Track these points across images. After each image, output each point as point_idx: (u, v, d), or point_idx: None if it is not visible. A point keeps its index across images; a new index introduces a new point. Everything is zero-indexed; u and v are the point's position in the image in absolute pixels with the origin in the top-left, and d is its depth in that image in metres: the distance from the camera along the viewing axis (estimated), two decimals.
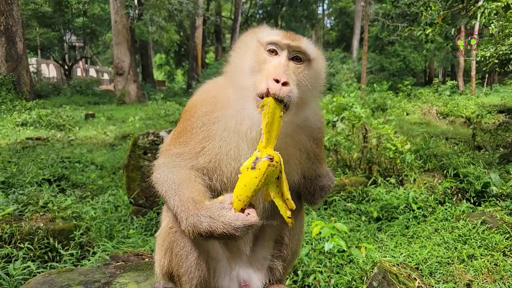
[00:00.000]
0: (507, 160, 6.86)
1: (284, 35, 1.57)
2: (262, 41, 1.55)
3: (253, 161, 1.38)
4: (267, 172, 1.36)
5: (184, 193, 1.51)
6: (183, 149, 1.65)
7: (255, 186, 1.37)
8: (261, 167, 1.36)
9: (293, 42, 1.54)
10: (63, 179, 6.57)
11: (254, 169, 1.36)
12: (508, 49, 16.07)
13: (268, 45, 1.54)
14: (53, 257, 3.93)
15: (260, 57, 1.53)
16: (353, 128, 7.25)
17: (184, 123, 1.71)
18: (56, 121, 12.82)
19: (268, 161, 1.35)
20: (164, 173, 1.63)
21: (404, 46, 31.63)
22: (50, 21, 28.19)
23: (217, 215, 1.41)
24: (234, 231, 1.38)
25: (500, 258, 3.81)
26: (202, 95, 1.75)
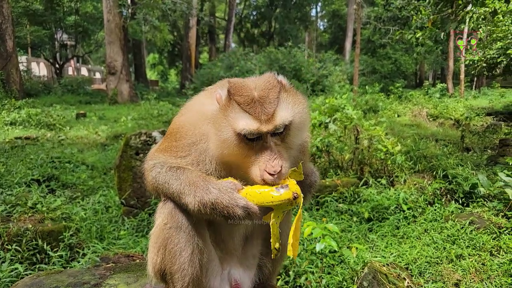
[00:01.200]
0: (495, 161, 6.98)
1: (258, 119, 1.46)
2: (239, 132, 1.47)
3: (282, 185, 1.46)
4: (282, 202, 1.44)
5: (191, 175, 1.57)
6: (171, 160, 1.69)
7: (265, 201, 1.46)
8: (283, 195, 1.43)
9: (269, 125, 1.46)
10: (53, 180, 6.49)
11: (277, 191, 1.45)
12: (496, 53, 16.37)
13: (244, 135, 1.48)
14: (42, 259, 3.89)
15: (243, 145, 1.50)
16: (345, 129, 7.30)
17: (171, 143, 1.73)
18: (46, 121, 12.67)
19: (291, 196, 1.43)
20: (163, 167, 1.65)
21: (396, 49, 31.95)
22: (41, 19, 27.84)
23: (225, 190, 1.49)
24: (237, 208, 1.46)
25: (487, 258, 3.87)
26: (187, 122, 1.71)
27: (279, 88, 1.53)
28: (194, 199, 1.50)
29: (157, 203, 1.78)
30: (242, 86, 1.54)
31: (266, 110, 1.47)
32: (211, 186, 1.51)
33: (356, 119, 6.98)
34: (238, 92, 1.51)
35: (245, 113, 1.47)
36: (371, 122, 6.99)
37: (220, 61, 28.29)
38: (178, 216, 1.60)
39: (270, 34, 48.13)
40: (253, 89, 1.52)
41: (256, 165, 1.49)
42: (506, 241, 4.05)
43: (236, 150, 1.51)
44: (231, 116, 1.49)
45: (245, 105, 1.48)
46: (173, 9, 24.99)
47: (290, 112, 1.51)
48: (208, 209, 1.48)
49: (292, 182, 1.47)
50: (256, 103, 1.47)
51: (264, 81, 1.57)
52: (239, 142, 1.50)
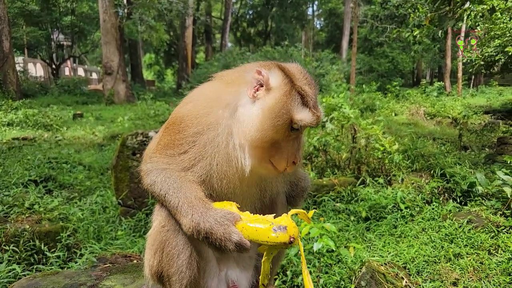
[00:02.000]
0: (493, 160, 6.99)
1: (314, 113, 1.54)
2: (295, 120, 1.50)
3: (279, 226, 1.43)
4: (277, 244, 1.42)
5: (190, 191, 1.53)
6: (171, 160, 1.63)
7: (260, 239, 1.44)
8: (279, 237, 1.41)
9: (319, 119, 1.56)
10: (50, 180, 6.47)
11: (274, 231, 1.42)
12: (494, 51, 16.40)
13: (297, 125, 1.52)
14: (39, 260, 3.87)
15: (286, 133, 1.52)
16: (342, 128, 7.30)
17: (171, 137, 1.65)
18: (43, 121, 12.62)
19: (287, 240, 1.41)
20: (160, 175, 1.60)
21: (393, 47, 32.00)
22: (37, 19, 27.72)
23: (222, 222, 1.45)
24: (229, 243, 1.42)
25: (485, 257, 3.87)
26: (193, 110, 1.64)
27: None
28: (190, 223, 1.46)
29: (154, 204, 1.76)
30: (295, 74, 1.59)
31: (317, 104, 1.56)
32: (209, 214, 1.46)
33: (353, 118, 6.98)
34: (296, 79, 1.56)
35: (305, 107, 1.53)
36: (368, 121, 6.99)
37: (217, 60, 28.24)
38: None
39: (266, 33, 48.11)
40: (303, 81, 1.58)
41: (285, 154, 1.53)
42: (504, 240, 4.06)
43: (278, 136, 1.52)
44: (293, 104, 1.51)
45: (305, 97, 1.53)
46: (169, 8, 24.92)
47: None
48: (201, 236, 1.45)
49: (292, 225, 1.44)
50: (310, 98, 1.54)
51: (306, 73, 1.63)
52: (286, 129, 1.52)
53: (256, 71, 1.55)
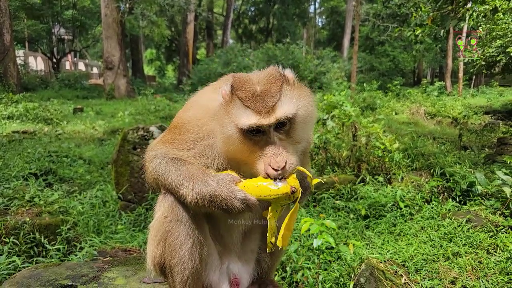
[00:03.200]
0: (492, 160, 7.00)
1: (259, 113, 1.44)
2: (239, 126, 1.46)
3: (280, 179, 1.43)
4: (280, 196, 1.42)
5: (190, 167, 1.57)
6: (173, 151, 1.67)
7: (262, 195, 1.44)
8: (281, 188, 1.41)
9: (271, 118, 1.44)
10: (50, 174, 6.47)
11: (275, 184, 1.42)
12: (495, 51, 16.39)
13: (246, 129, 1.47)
14: (39, 252, 3.89)
15: (247, 141, 1.49)
16: (343, 126, 7.31)
17: (174, 136, 1.71)
18: (44, 115, 12.61)
19: (289, 189, 1.41)
20: (163, 159, 1.64)
21: (394, 46, 31.97)
22: (38, 13, 27.64)
23: (224, 183, 1.48)
24: (235, 201, 1.44)
25: (484, 256, 3.89)
26: (193, 117, 1.70)
27: (281, 81, 1.52)
28: (192, 191, 1.49)
29: (154, 198, 1.77)
30: (245, 81, 1.52)
31: (267, 103, 1.45)
32: (210, 178, 1.49)
33: (354, 116, 6.98)
34: (240, 87, 1.50)
35: (246, 108, 1.46)
36: (369, 120, 7.00)
37: (218, 57, 28.20)
38: (179, 209, 1.59)
39: (268, 30, 48.01)
40: (256, 84, 1.50)
41: (261, 160, 1.47)
42: (503, 240, 4.08)
43: (241, 146, 1.50)
44: (233, 112, 1.48)
45: (246, 100, 1.46)
46: (171, 4, 24.86)
47: (293, 105, 1.49)
48: (206, 201, 1.47)
49: (292, 176, 1.45)
50: (258, 98, 1.46)
51: (267, 75, 1.55)
52: (243, 138, 1.48)
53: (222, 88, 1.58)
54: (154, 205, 1.77)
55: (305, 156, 1.86)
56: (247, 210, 1.46)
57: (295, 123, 1.52)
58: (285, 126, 1.50)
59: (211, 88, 1.79)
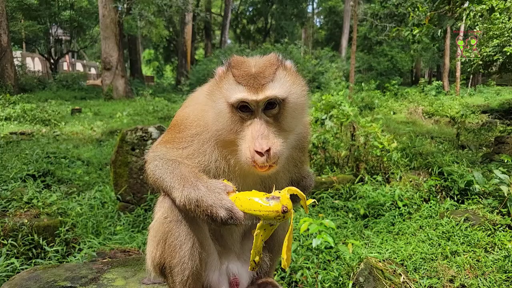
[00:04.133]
0: (490, 159, 7.03)
1: (249, 88, 1.46)
2: (229, 101, 1.49)
3: (273, 196, 1.39)
4: (269, 213, 1.37)
5: (185, 170, 1.56)
6: (172, 152, 1.69)
7: (252, 209, 1.40)
8: (272, 206, 1.37)
9: (259, 95, 1.45)
10: (48, 175, 6.46)
11: (267, 200, 1.38)
12: (492, 50, 16.46)
13: (237, 104, 1.49)
14: (38, 254, 3.88)
15: (234, 118, 1.50)
16: (341, 126, 7.32)
17: (173, 135, 1.73)
18: (41, 116, 12.58)
19: (280, 209, 1.36)
20: (161, 161, 1.65)
21: (392, 46, 32.03)
22: (36, 13, 27.54)
23: (213, 189, 1.46)
24: (221, 209, 1.41)
25: (482, 255, 3.91)
26: (191, 114, 1.72)
27: (277, 65, 1.54)
28: (181, 193, 1.48)
29: (153, 199, 1.77)
30: (243, 62, 1.56)
31: (258, 81, 1.47)
32: (201, 183, 1.48)
33: (353, 116, 6.99)
34: (237, 66, 1.54)
35: (237, 84, 1.49)
36: (367, 119, 7.01)
37: (216, 57, 28.21)
38: (179, 210, 1.59)
39: (266, 30, 48.01)
40: (252, 66, 1.53)
41: (247, 143, 1.46)
42: (500, 238, 4.09)
43: (230, 124, 1.51)
44: (225, 87, 1.52)
45: (239, 77, 1.49)
46: (169, 4, 24.82)
47: (284, 89, 1.51)
48: (193, 205, 1.45)
49: (285, 196, 1.40)
50: (251, 76, 1.48)
51: (265, 59, 1.59)
52: (232, 114, 1.50)
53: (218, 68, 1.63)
54: (154, 205, 1.78)
55: (303, 153, 1.84)
56: (232, 222, 1.42)
57: (284, 109, 1.52)
58: (274, 108, 1.50)
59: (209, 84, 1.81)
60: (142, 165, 1.68)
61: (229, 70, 1.54)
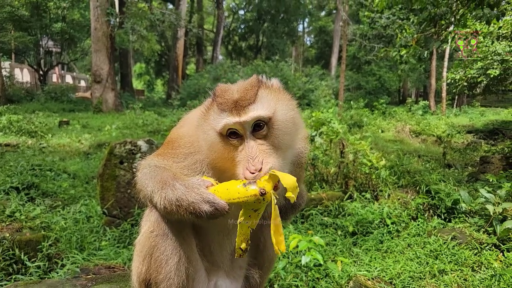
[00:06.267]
0: (475, 178, 7.15)
1: (232, 113, 1.49)
2: (217, 130, 1.51)
3: (249, 181, 1.38)
4: (249, 198, 1.36)
5: (165, 174, 1.54)
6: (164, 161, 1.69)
7: (232, 198, 1.39)
8: (249, 191, 1.36)
9: (242, 117, 1.47)
10: (33, 188, 6.30)
11: (244, 186, 1.37)
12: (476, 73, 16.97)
13: (225, 131, 1.51)
14: (19, 269, 3.75)
15: (226, 146, 1.52)
16: (330, 143, 7.38)
17: (166, 150, 1.74)
18: (28, 128, 12.37)
19: (257, 191, 1.35)
20: (148, 169, 1.64)
21: (380, 66, 32.76)
22: (26, 25, 27.42)
23: (192, 186, 1.45)
24: (203, 204, 1.39)
25: (469, 274, 3.92)
26: (185, 133, 1.74)
27: (258, 86, 1.56)
28: (160, 196, 1.46)
29: (141, 213, 1.75)
30: (226, 90, 1.57)
31: (241, 105, 1.49)
32: (178, 183, 1.47)
33: (342, 133, 7.07)
34: (220, 94, 1.56)
35: (222, 112, 1.51)
36: (356, 137, 7.09)
37: (207, 72, 28.38)
38: (165, 223, 1.57)
39: (257, 47, 48.69)
40: (235, 91, 1.55)
41: (240, 165, 1.47)
42: (487, 257, 4.13)
43: (222, 152, 1.52)
44: (211, 117, 1.54)
45: (222, 105, 1.51)
46: (161, 19, 25.06)
47: (268, 107, 1.51)
48: (174, 206, 1.43)
49: (263, 178, 1.38)
50: (233, 102, 1.50)
51: (246, 82, 1.61)
52: (223, 143, 1.51)
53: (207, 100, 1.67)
54: (140, 220, 1.75)
55: (301, 169, 1.84)
56: (217, 214, 1.41)
57: (274, 127, 1.51)
58: (262, 129, 1.50)
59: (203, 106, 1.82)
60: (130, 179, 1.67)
61: (214, 100, 1.56)
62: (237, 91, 1.54)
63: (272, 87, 1.60)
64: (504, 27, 11.90)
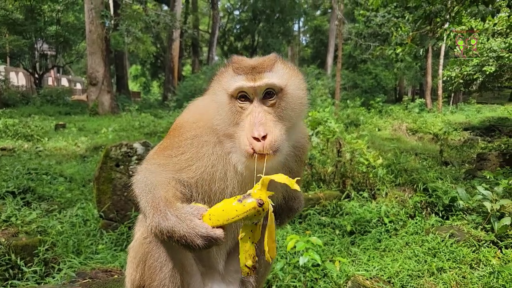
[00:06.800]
0: (473, 175, 7.16)
1: (247, 77, 1.50)
2: (228, 91, 1.52)
3: (243, 196, 1.35)
4: (248, 213, 1.32)
5: (159, 193, 1.50)
6: (167, 161, 1.65)
7: (230, 217, 1.35)
8: (246, 205, 1.32)
9: (257, 82, 1.49)
10: (29, 192, 6.26)
11: (240, 202, 1.34)
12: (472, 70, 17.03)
13: (236, 93, 1.52)
14: (15, 275, 3.72)
15: (233, 109, 1.52)
16: (327, 142, 7.37)
17: (171, 140, 1.72)
18: (24, 131, 12.29)
19: (255, 204, 1.32)
20: (145, 175, 1.61)
21: (376, 64, 32.80)
22: (21, 28, 27.26)
23: (184, 217, 1.40)
24: (196, 237, 1.35)
25: (467, 271, 3.92)
26: (191, 117, 1.74)
27: (275, 59, 1.60)
28: (151, 221, 1.43)
29: (138, 216, 1.72)
30: (243, 59, 1.62)
31: (256, 71, 1.51)
32: (170, 212, 1.41)
33: (339, 132, 7.06)
34: (236, 61, 1.59)
35: (236, 75, 1.53)
36: (353, 136, 7.08)
37: (203, 73, 28.34)
38: None
39: (253, 47, 48.65)
40: (252, 60, 1.59)
41: (244, 132, 1.46)
42: (485, 254, 4.13)
43: (229, 115, 1.52)
44: (224, 80, 1.56)
45: (238, 69, 1.54)
46: (156, 21, 24.98)
47: (283, 79, 1.54)
48: (165, 236, 1.40)
49: (256, 188, 1.36)
50: (249, 67, 1.53)
51: (265, 56, 1.65)
52: (231, 105, 1.52)
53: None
54: (135, 224, 1.72)
55: (300, 166, 1.83)
56: (212, 245, 1.38)
57: (283, 99, 1.53)
58: (272, 98, 1.52)
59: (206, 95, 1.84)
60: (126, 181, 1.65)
61: (229, 65, 1.60)
62: (255, 60, 1.58)
63: (288, 64, 1.65)
64: (499, 23, 11.94)
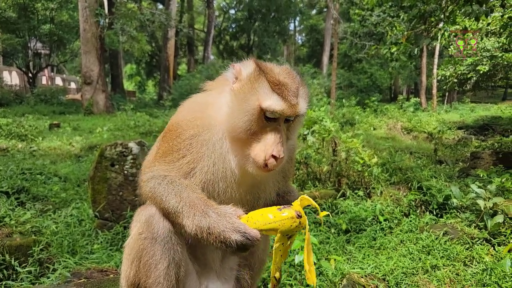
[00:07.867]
0: (466, 174, 7.22)
1: (285, 101, 1.52)
2: (263, 106, 1.51)
3: (284, 206, 1.43)
4: (285, 222, 1.39)
5: (190, 193, 1.53)
6: (170, 166, 1.64)
7: (267, 222, 1.41)
8: (286, 214, 1.39)
9: (293, 110, 1.55)
10: (23, 192, 6.21)
11: (279, 210, 1.41)
12: (466, 69, 17.14)
13: (268, 112, 1.53)
14: (9, 275, 3.70)
15: (259, 120, 1.53)
16: (323, 141, 7.39)
17: (169, 143, 1.68)
18: (18, 131, 12.18)
19: (294, 214, 1.39)
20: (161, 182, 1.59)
21: (371, 63, 32.92)
22: (14, 26, 27.03)
23: (224, 214, 1.46)
24: (234, 233, 1.40)
25: (461, 268, 3.96)
26: (187, 116, 1.71)
27: (299, 79, 1.65)
28: (192, 222, 1.45)
29: (133, 216, 1.71)
30: (269, 67, 1.61)
31: (293, 95, 1.54)
32: (210, 210, 1.46)
33: (334, 132, 7.08)
34: (267, 70, 1.58)
35: (273, 93, 1.52)
36: (348, 135, 7.11)
37: (199, 72, 28.30)
38: (154, 225, 1.54)
39: (249, 46, 48.64)
40: (278, 74, 1.59)
41: (262, 145, 1.50)
42: (478, 251, 4.17)
43: (250, 124, 1.53)
44: (260, 91, 1.53)
45: (274, 85, 1.53)
46: (151, 20, 24.88)
47: (305, 103, 1.62)
48: (204, 233, 1.43)
49: (297, 203, 1.45)
50: (283, 87, 1.53)
51: (286, 70, 1.66)
52: (258, 117, 1.52)
53: (231, 65, 1.67)
54: (131, 222, 1.72)
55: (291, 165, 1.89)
56: (248, 244, 1.41)
57: (295, 122, 1.64)
58: (291, 121, 1.60)
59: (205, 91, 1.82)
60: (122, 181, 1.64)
61: (261, 74, 1.57)
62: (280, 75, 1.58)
63: (304, 83, 1.70)
64: (492, 23, 12.04)
